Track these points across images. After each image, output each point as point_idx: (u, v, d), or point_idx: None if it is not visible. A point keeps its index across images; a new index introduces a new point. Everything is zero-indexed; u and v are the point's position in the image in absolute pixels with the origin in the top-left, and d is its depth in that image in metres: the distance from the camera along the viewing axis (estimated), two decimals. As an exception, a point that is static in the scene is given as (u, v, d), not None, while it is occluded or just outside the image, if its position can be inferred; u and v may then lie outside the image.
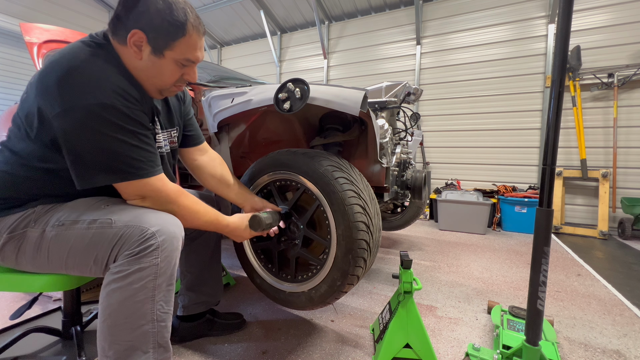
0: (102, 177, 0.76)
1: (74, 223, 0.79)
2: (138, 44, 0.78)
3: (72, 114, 0.71)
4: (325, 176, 1.16)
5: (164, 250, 0.75)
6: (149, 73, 0.82)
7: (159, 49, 0.79)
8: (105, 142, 0.73)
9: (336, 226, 1.15)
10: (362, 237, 1.12)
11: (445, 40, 4.74)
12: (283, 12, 5.90)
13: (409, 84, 2.40)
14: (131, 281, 0.72)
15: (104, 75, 0.74)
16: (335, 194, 1.14)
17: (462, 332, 1.43)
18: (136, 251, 0.73)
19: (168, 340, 0.78)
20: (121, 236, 0.75)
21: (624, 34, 3.68)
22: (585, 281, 2.14)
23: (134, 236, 0.74)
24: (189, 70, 0.88)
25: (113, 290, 0.72)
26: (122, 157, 0.76)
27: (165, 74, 0.84)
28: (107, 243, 0.75)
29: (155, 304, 0.74)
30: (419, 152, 4.81)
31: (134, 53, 0.79)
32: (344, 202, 1.13)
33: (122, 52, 0.80)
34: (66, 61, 0.73)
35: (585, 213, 3.90)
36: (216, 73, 2.18)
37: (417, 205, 2.70)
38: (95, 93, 0.71)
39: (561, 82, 0.92)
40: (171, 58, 0.81)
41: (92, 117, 0.71)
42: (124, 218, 0.77)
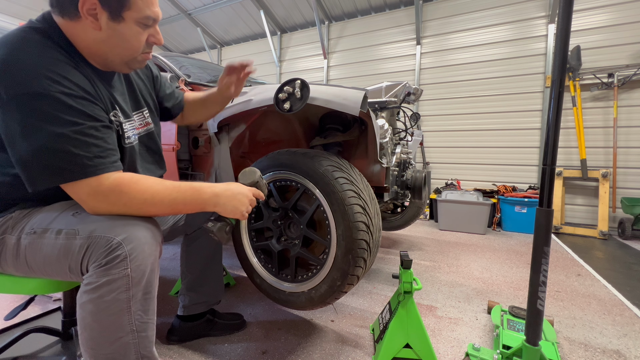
0: (45, 178, 0.67)
1: (44, 232, 0.74)
2: (92, 12, 0.70)
3: (5, 111, 0.64)
4: (325, 176, 1.17)
5: (134, 260, 0.68)
6: (112, 43, 0.74)
7: (115, 11, 0.71)
8: (42, 138, 0.64)
9: (336, 226, 1.15)
10: (362, 237, 1.13)
11: (445, 40, 4.74)
12: (283, 12, 5.91)
13: (409, 84, 2.40)
14: (101, 294, 0.67)
15: (37, 62, 0.65)
16: (335, 194, 1.14)
17: (462, 332, 1.43)
18: (103, 262, 0.67)
19: (152, 350, 0.74)
20: (87, 248, 0.69)
21: (624, 34, 3.68)
22: (585, 281, 2.14)
23: (100, 247, 0.68)
24: (153, 32, 0.80)
25: (85, 303, 0.68)
26: (62, 154, 0.65)
27: (131, 39, 0.75)
28: (75, 254, 0.70)
29: (132, 315, 0.69)
30: (419, 152, 4.81)
31: (90, 24, 0.71)
32: (344, 202, 1.13)
33: (74, 29, 0.72)
34: None
35: (585, 213, 3.90)
36: (216, 73, 2.19)
37: (417, 205, 2.70)
38: (26, 82, 0.63)
39: (561, 82, 0.92)
40: (131, 19, 0.73)
41: (24, 109, 0.63)
42: (88, 227, 0.71)
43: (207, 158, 1.72)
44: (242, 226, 1.42)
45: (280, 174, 1.31)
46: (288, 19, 6.05)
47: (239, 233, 1.42)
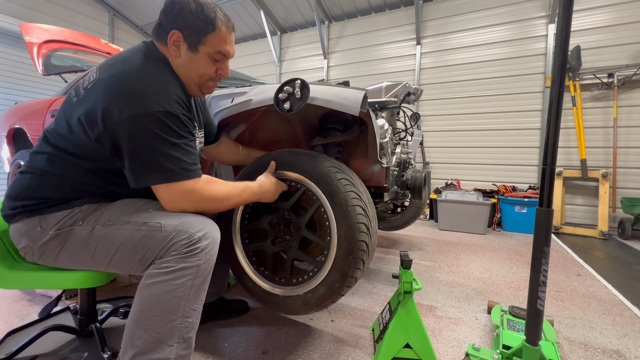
0: (156, 176, 0.82)
1: (125, 223, 0.85)
2: (177, 43, 0.89)
3: (140, 120, 0.79)
4: (328, 177, 1.15)
5: (207, 253, 0.82)
6: (187, 69, 0.92)
7: (193, 44, 0.90)
8: (164, 146, 0.81)
9: (338, 227, 1.14)
10: (363, 239, 1.12)
11: (445, 40, 4.74)
12: (283, 12, 5.91)
13: (409, 84, 2.40)
14: (174, 277, 0.78)
15: (167, 86, 0.85)
16: (338, 194, 1.13)
17: (462, 332, 1.43)
18: (184, 251, 0.79)
19: (192, 337, 0.83)
20: (171, 239, 0.81)
21: (624, 34, 3.68)
22: (585, 281, 2.14)
23: (183, 239, 0.80)
24: (222, 66, 0.98)
25: (156, 283, 0.78)
26: (174, 159, 0.83)
27: (201, 68, 0.93)
28: (156, 244, 0.81)
29: (188, 301, 0.80)
30: (419, 152, 4.81)
31: (173, 52, 0.90)
32: (346, 203, 1.12)
33: (167, 54, 0.92)
34: (135, 72, 0.83)
35: (585, 213, 3.90)
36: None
37: (417, 205, 2.70)
38: (162, 102, 0.81)
39: (561, 82, 0.92)
40: (205, 52, 0.92)
41: (157, 123, 0.80)
42: (172, 222, 0.84)
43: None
44: (235, 228, 1.34)
45: (281, 173, 1.30)
46: (288, 19, 6.05)
47: (230, 234, 1.33)
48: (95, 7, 6.80)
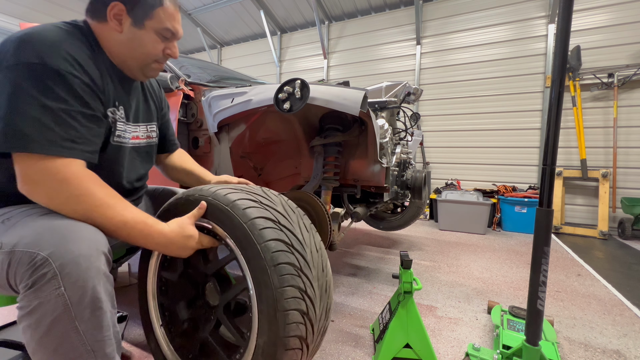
0: (9, 141, 0.62)
1: None
2: (118, 17, 0.78)
3: (10, 72, 0.63)
4: (249, 234, 0.74)
5: (67, 276, 0.58)
6: (130, 46, 0.81)
7: (139, 19, 0.80)
8: (29, 104, 0.63)
9: (258, 331, 0.75)
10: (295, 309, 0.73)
11: (445, 40, 4.75)
12: (283, 12, 5.91)
13: (409, 84, 2.40)
14: (38, 318, 0.58)
15: (61, 42, 0.69)
16: (263, 273, 0.72)
17: (462, 332, 1.43)
18: (30, 283, 0.58)
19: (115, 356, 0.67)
20: (9, 264, 0.61)
21: (624, 34, 3.68)
22: (585, 281, 2.14)
23: (23, 265, 0.59)
24: (170, 45, 0.87)
25: (25, 328, 0.60)
26: (39, 124, 0.63)
27: (147, 46, 0.83)
28: (1, 271, 0.62)
29: (82, 335, 0.61)
30: (419, 152, 4.82)
31: (114, 27, 0.79)
32: (275, 302, 0.71)
33: (101, 30, 0.80)
34: (30, 30, 0.68)
35: (585, 213, 3.90)
36: (216, 73, 2.19)
37: (417, 205, 2.71)
38: (44, 55, 0.65)
39: (561, 82, 0.92)
40: (151, 28, 0.81)
41: (25, 76, 0.63)
42: (11, 239, 0.62)
43: (207, 158, 1.72)
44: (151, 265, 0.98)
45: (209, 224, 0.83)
46: (288, 19, 6.05)
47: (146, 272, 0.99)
48: (95, 7, 6.80)
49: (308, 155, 1.79)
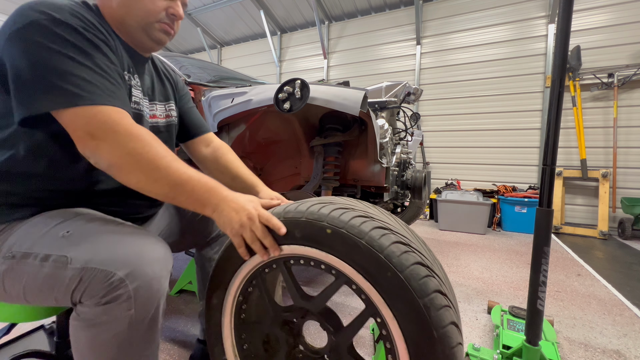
0: (44, 100, 0.59)
1: (25, 257, 0.62)
2: None
3: (20, 33, 0.60)
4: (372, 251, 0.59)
5: (139, 298, 0.59)
6: (129, 5, 0.75)
7: None
8: (52, 59, 0.60)
9: None
10: None
11: (445, 40, 4.75)
12: (283, 12, 5.91)
13: (409, 84, 2.40)
14: (99, 331, 0.60)
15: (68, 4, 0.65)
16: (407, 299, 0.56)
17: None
18: (102, 302, 0.58)
19: None
20: (80, 281, 0.59)
21: (624, 34, 3.68)
22: (585, 281, 2.14)
23: (97, 283, 0.58)
24: (173, 4, 0.80)
25: (80, 335, 0.61)
26: (70, 76, 0.60)
27: (146, 2, 0.76)
28: (63, 287, 0.60)
29: (133, 348, 0.63)
30: (419, 152, 4.82)
31: None
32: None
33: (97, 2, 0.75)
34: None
35: (585, 213, 3.90)
36: (216, 73, 2.19)
37: (417, 205, 2.70)
38: (48, 11, 0.61)
39: (561, 82, 0.92)
40: None
41: (40, 30, 0.60)
42: (83, 255, 0.60)
43: (207, 158, 1.72)
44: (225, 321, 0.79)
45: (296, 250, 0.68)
46: (288, 19, 6.05)
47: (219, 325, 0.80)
48: (95, 7, 6.80)
49: (308, 155, 1.79)
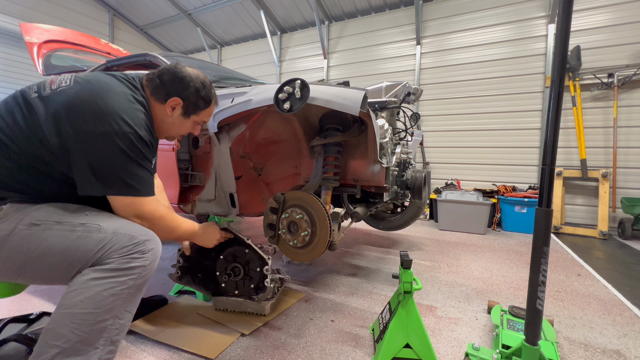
0: (118, 188, 0.87)
1: (57, 224, 0.82)
2: (174, 107, 1.04)
3: (112, 138, 0.83)
4: None
5: (153, 254, 0.86)
6: (173, 127, 1.08)
7: (188, 113, 1.07)
8: (132, 165, 0.88)
9: None
10: None
11: (445, 40, 4.75)
12: (283, 12, 5.91)
13: (409, 84, 2.40)
14: (118, 274, 0.79)
15: (138, 113, 0.92)
16: None
17: (462, 332, 1.44)
18: (128, 253, 0.81)
19: (120, 340, 0.82)
20: (110, 240, 0.82)
21: (624, 34, 3.68)
22: (585, 281, 2.14)
23: (124, 242, 0.82)
24: (198, 128, 1.18)
25: (95, 279, 0.77)
26: (137, 177, 0.90)
27: (184, 129, 1.12)
28: (92, 246, 0.80)
29: (124, 302, 0.80)
30: (419, 152, 4.82)
31: (167, 111, 1.03)
32: None
33: (154, 106, 1.03)
34: (114, 93, 0.89)
35: (585, 213, 3.90)
36: (216, 73, 2.19)
37: (417, 205, 2.70)
38: (134, 125, 0.87)
39: (561, 82, 0.93)
40: (193, 120, 1.11)
41: (129, 144, 0.86)
42: (112, 225, 0.85)
43: (207, 158, 1.72)
44: None
45: None
46: (288, 19, 6.05)
47: None
48: (95, 7, 6.80)
49: (308, 155, 1.79)
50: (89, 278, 0.77)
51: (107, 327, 0.77)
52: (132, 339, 1.30)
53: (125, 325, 0.82)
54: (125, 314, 0.81)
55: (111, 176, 0.85)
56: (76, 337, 0.73)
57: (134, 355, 1.20)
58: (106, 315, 0.76)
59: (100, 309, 0.75)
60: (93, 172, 0.84)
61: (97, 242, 0.80)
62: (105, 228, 0.83)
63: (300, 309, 1.61)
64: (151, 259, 0.85)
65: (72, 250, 0.80)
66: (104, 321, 0.76)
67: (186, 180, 1.76)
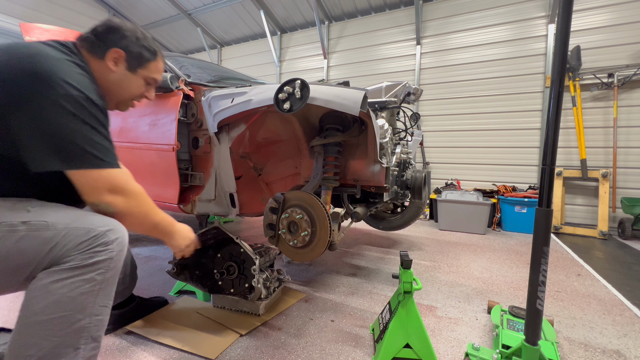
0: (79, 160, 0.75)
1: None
2: (116, 60, 0.92)
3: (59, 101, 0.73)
4: None
5: (119, 245, 0.79)
6: (120, 85, 0.96)
7: (133, 66, 0.96)
8: (89, 132, 0.77)
9: None
10: None
11: (445, 40, 4.75)
12: (283, 12, 5.91)
13: (409, 84, 2.40)
14: (81, 272, 0.72)
15: (85, 78, 0.81)
16: None
17: (462, 332, 1.44)
18: (88, 248, 0.74)
19: (102, 335, 0.79)
20: (63, 236, 0.73)
21: (624, 34, 3.68)
22: (585, 281, 2.14)
23: (80, 236, 0.74)
24: (150, 89, 1.05)
25: (57, 281, 0.70)
26: (99, 146, 0.79)
27: (133, 88, 0.99)
28: (41, 246, 0.71)
29: (97, 298, 0.75)
30: (419, 152, 4.82)
31: (110, 66, 0.92)
32: None
33: (94, 65, 0.91)
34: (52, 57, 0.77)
35: (585, 213, 3.90)
36: (216, 73, 2.19)
37: (417, 205, 2.70)
38: (83, 90, 0.77)
39: (561, 82, 0.92)
40: (141, 75, 0.99)
41: (80, 108, 0.75)
42: (63, 220, 0.75)
43: (207, 158, 1.72)
44: None
45: None
46: (288, 19, 6.05)
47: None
48: (95, 7, 6.80)
49: (308, 155, 1.79)
50: (49, 281, 0.70)
51: (85, 326, 0.73)
52: (132, 340, 1.30)
53: (104, 319, 0.78)
54: (101, 309, 0.77)
55: (68, 146, 0.74)
56: (50, 343, 0.69)
57: (134, 355, 1.20)
58: (80, 315, 0.72)
59: (72, 311, 0.71)
60: (47, 143, 0.72)
61: (46, 242, 0.72)
62: (54, 224, 0.74)
63: (300, 309, 1.61)
64: (117, 249, 0.78)
65: (15, 254, 0.70)
66: (80, 321, 0.72)
67: (186, 180, 1.76)
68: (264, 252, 1.60)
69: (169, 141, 1.60)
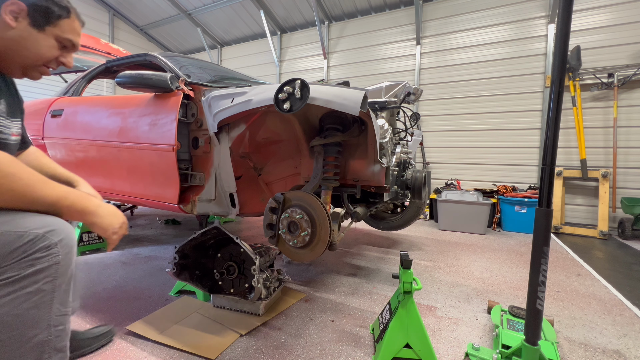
0: None
1: None
2: (15, 14, 0.77)
3: None
4: None
5: (65, 247, 0.68)
6: (22, 44, 0.79)
7: (39, 23, 0.80)
8: None
9: None
10: None
11: (445, 40, 4.75)
12: (283, 12, 5.91)
13: (409, 84, 2.40)
14: (23, 285, 0.63)
15: None
16: None
17: (462, 332, 1.44)
18: (25, 254, 0.64)
19: (67, 344, 0.72)
20: None
21: (624, 34, 3.68)
22: (585, 281, 2.14)
23: (11, 244, 0.63)
24: (66, 54, 0.88)
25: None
26: None
27: (42, 49, 0.82)
28: None
29: (51, 308, 0.67)
30: (419, 152, 4.82)
31: (6, 21, 0.76)
32: None
33: None
34: None
35: (585, 213, 3.90)
36: (216, 73, 2.19)
37: (417, 205, 2.70)
38: None
39: (561, 82, 0.93)
40: (52, 34, 0.82)
41: None
42: None
43: (207, 158, 1.72)
44: None
45: None
46: (288, 19, 6.05)
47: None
48: (95, 7, 6.80)
49: (308, 155, 1.79)
50: None
51: (44, 340, 0.66)
52: (132, 340, 1.30)
53: (65, 329, 0.70)
54: (59, 319, 0.69)
55: None
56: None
57: (134, 356, 1.20)
58: (35, 331, 0.65)
59: (22, 329, 0.63)
60: None
61: None
62: None
63: (300, 309, 1.61)
64: (63, 252, 0.67)
65: None
66: (36, 336, 0.65)
67: (186, 180, 1.76)
68: (264, 252, 1.60)
69: (169, 141, 1.60)
